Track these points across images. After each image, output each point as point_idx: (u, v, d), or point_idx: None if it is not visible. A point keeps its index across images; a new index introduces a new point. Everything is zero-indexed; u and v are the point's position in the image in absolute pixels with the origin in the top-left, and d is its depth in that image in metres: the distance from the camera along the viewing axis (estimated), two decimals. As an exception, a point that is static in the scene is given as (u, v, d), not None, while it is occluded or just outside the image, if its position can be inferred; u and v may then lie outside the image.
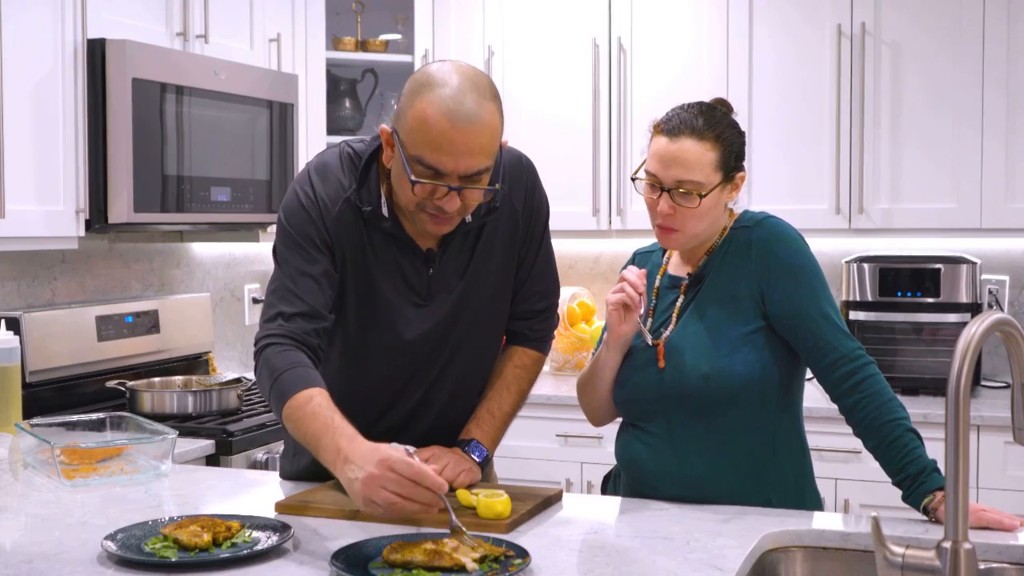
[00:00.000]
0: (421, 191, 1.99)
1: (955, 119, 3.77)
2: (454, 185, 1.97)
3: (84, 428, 2.72)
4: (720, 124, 2.13)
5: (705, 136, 2.10)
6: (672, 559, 1.79)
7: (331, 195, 2.13)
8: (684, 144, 2.10)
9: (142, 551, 1.79)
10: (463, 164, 1.95)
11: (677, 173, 2.10)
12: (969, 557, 1.44)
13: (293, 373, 2.00)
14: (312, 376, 2.01)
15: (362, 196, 2.13)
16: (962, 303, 3.75)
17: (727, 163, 2.13)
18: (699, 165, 2.09)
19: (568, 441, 3.89)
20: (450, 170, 1.95)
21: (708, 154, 2.10)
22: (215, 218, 3.42)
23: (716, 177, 2.11)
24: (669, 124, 2.13)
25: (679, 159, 2.09)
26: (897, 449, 2.02)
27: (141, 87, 3.10)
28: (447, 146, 1.93)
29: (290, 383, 1.99)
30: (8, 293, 3.29)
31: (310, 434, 1.95)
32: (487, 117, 1.96)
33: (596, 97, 4.16)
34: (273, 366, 2.03)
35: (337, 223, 2.13)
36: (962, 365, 1.45)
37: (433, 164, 1.96)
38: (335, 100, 4.37)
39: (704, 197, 2.10)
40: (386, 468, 1.78)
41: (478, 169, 1.97)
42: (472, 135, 1.94)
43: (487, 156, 1.98)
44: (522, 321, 2.33)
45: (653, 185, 2.13)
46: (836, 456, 3.50)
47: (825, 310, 2.12)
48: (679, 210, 2.11)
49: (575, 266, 4.58)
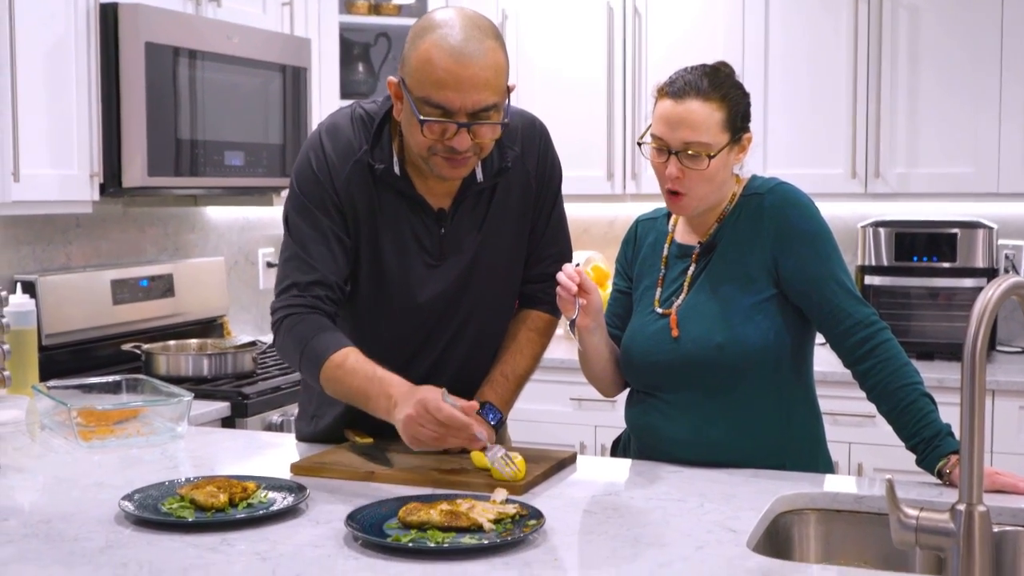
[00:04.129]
0: (430, 132, 2.00)
1: (974, 82, 3.74)
2: (462, 122, 1.98)
3: (100, 390, 2.74)
4: (725, 84, 2.12)
5: (711, 97, 2.09)
6: (686, 521, 1.80)
7: (341, 156, 2.13)
8: (690, 105, 2.08)
9: (159, 511, 1.81)
10: (470, 100, 1.97)
11: (684, 135, 2.08)
12: (983, 520, 1.44)
13: (320, 338, 2.07)
14: (339, 337, 2.08)
15: (375, 155, 2.13)
16: (978, 268, 3.73)
17: (734, 123, 2.11)
18: (706, 126, 2.08)
19: (582, 405, 3.90)
20: (457, 107, 1.97)
21: (715, 114, 2.08)
22: (229, 182, 3.43)
23: (723, 138, 2.10)
24: (674, 86, 2.11)
25: (686, 120, 2.08)
26: (911, 413, 2.01)
27: (154, 51, 3.10)
28: (452, 82, 1.96)
29: (321, 347, 2.06)
30: (24, 257, 3.30)
31: (355, 389, 2.03)
32: (490, 53, 1.98)
33: (610, 60, 4.13)
34: (298, 336, 2.09)
35: (347, 184, 2.13)
36: (978, 328, 1.44)
37: (440, 102, 1.97)
38: (348, 64, 4.35)
39: (712, 158, 2.08)
40: (422, 409, 1.89)
41: (485, 105, 1.99)
42: (476, 70, 1.96)
43: (493, 92, 1.99)
44: (535, 284, 2.33)
45: (660, 149, 2.12)
46: (850, 420, 3.50)
47: (839, 276, 2.11)
48: (688, 173, 2.10)
49: (589, 230, 4.57)
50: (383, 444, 2.17)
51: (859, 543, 1.94)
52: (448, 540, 1.65)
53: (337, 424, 2.27)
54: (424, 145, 2.03)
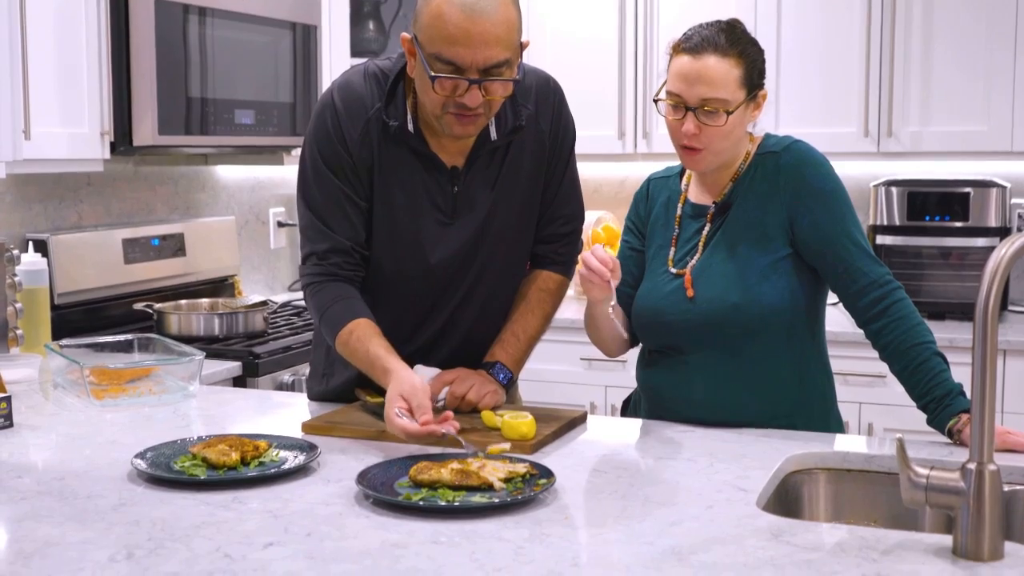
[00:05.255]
0: (442, 88, 1.99)
1: (988, 40, 3.70)
2: (474, 78, 1.97)
3: (112, 349, 2.75)
4: (742, 41, 2.10)
5: (728, 53, 2.07)
6: (696, 480, 1.80)
7: (354, 114, 2.13)
8: (708, 61, 2.06)
9: (171, 469, 1.82)
10: (481, 56, 1.96)
11: (702, 91, 2.07)
12: (994, 479, 1.44)
13: (333, 309, 2.14)
14: (350, 307, 2.13)
15: (388, 112, 2.12)
16: (991, 227, 3.72)
17: (751, 80, 2.10)
18: (724, 82, 2.06)
19: (592, 365, 3.90)
20: (468, 63, 1.96)
21: (733, 71, 2.07)
22: (239, 141, 3.42)
23: (741, 94, 2.08)
24: (691, 42, 2.09)
25: (704, 77, 2.06)
26: (923, 372, 2.01)
27: (164, 8, 3.08)
28: (463, 38, 1.94)
29: (333, 320, 2.14)
30: (35, 216, 3.31)
31: (362, 367, 2.12)
32: (502, 9, 1.97)
33: (622, 18, 4.10)
34: (316, 305, 2.17)
35: (360, 141, 2.13)
36: (991, 286, 1.43)
37: (451, 58, 1.96)
38: (359, 22, 4.33)
39: (731, 114, 2.07)
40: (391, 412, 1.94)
41: (497, 61, 1.98)
42: (488, 25, 1.95)
43: (505, 48, 1.98)
44: (547, 245, 2.32)
45: (677, 106, 2.10)
46: (860, 380, 3.50)
47: (854, 235, 2.10)
48: (705, 129, 2.08)
49: (600, 190, 4.55)
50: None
51: (869, 502, 1.94)
52: (459, 499, 1.66)
53: (348, 383, 2.28)
54: (437, 103, 2.02)
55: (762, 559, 1.46)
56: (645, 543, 1.53)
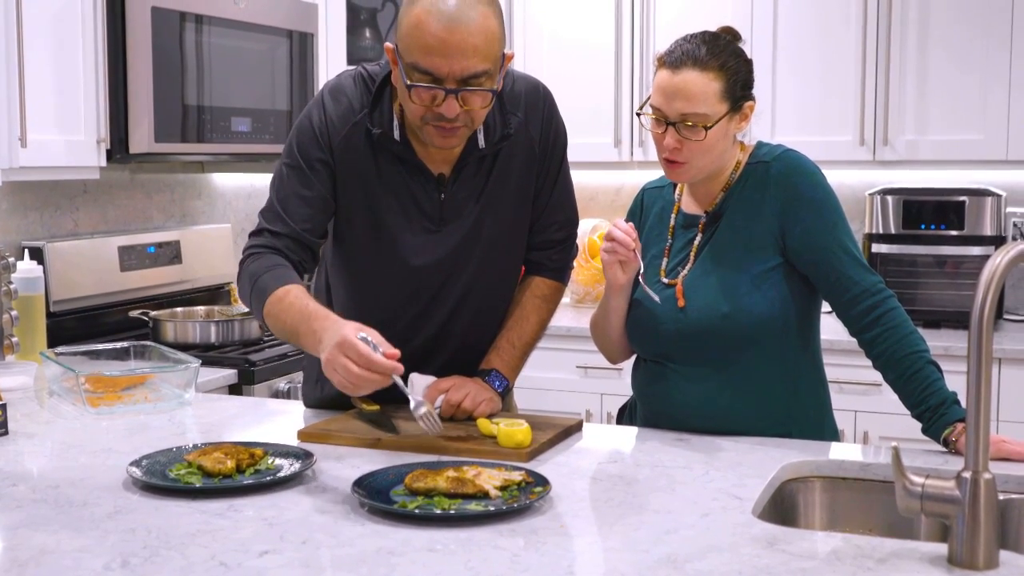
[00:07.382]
0: (419, 98, 1.98)
1: (983, 49, 3.71)
2: (451, 88, 1.96)
3: (108, 357, 2.75)
4: (724, 53, 2.08)
5: (708, 66, 2.05)
6: (691, 488, 1.80)
7: (341, 117, 2.14)
8: (687, 76, 2.05)
9: (167, 477, 1.82)
10: (457, 66, 1.94)
11: (681, 106, 2.05)
12: (989, 487, 1.44)
13: (270, 274, 2.06)
14: (290, 275, 2.06)
15: (373, 119, 2.13)
16: (986, 236, 3.72)
17: (732, 92, 2.08)
18: (703, 97, 2.05)
19: (588, 373, 3.90)
20: (445, 73, 1.95)
21: (712, 84, 2.05)
22: (235, 148, 3.42)
23: (722, 108, 2.07)
24: (671, 56, 2.08)
25: (682, 91, 2.05)
26: (918, 381, 2.01)
27: (160, 16, 3.08)
28: (439, 47, 1.93)
29: (268, 283, 2.04)
30: (31, 223, 3.31)
31: (289, 326, 2.00)
32: (480, 19, 1.95)
33: (618, 25, 4.11)
34: (251, 271, 2.09)
35: (344, 145, 2.13)
36: (986, 295, 1.44)
37: (428, 68, 1.95)
38: (355, 30, 4.33)
39: (710, 129, 2.06)
40: (340, 352, 1.82)
41: (475, 72, 1.96)
42: (464, 35, 1.93)
43: (483, 58, 1.96)
44: (541, 251, 2.32)
45: (658, 120, 2.10)
46: (856, 389, 3.50)
47: (846, 244, 2.10)
48: (686, 144, 2.07)
49: (596, 197, 4.56)
50: (389, 411, 2.17)
51: (864, 511, 1.94)
52: (454, 507, 1.66)
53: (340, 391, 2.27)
54: (416, 113, 2.02)
55: (757, 567, 1.46)
56: (641, 551, 1.52)
